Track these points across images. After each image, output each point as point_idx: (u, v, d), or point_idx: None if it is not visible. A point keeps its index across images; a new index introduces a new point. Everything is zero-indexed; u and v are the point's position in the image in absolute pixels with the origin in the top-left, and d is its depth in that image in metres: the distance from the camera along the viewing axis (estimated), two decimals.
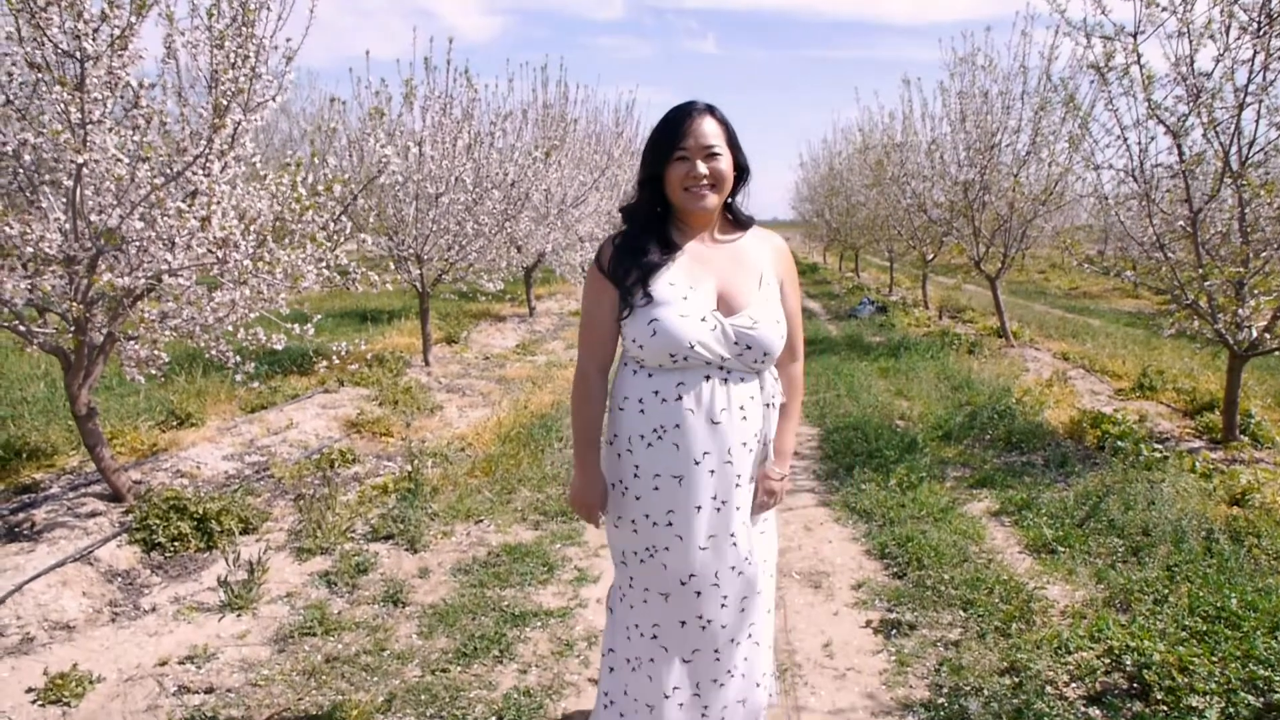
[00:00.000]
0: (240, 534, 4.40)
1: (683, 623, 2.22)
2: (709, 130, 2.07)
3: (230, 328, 4.39)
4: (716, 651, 2.24)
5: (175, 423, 6.50)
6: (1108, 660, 3.12)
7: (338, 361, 5.12)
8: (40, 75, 3.76)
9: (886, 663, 3.23)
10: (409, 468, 5.26)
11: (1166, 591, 3.58)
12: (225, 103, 3.99)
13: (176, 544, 4.18)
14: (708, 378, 2.07)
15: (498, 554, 4.19)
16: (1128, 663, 3.06)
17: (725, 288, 2.12)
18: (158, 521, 4.21)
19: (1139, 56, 5.01)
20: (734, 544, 2.17)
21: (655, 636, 2.24)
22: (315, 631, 3.40)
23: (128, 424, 6.24)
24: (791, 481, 5.45)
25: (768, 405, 2.19)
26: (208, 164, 4.08)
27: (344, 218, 5.01)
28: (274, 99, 4.39)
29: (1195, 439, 6.28)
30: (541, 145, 10.17)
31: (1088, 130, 5.93)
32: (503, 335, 11.86)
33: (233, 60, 4.10)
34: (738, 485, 2.15)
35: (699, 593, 2.18)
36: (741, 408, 2.11)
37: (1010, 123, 10.00)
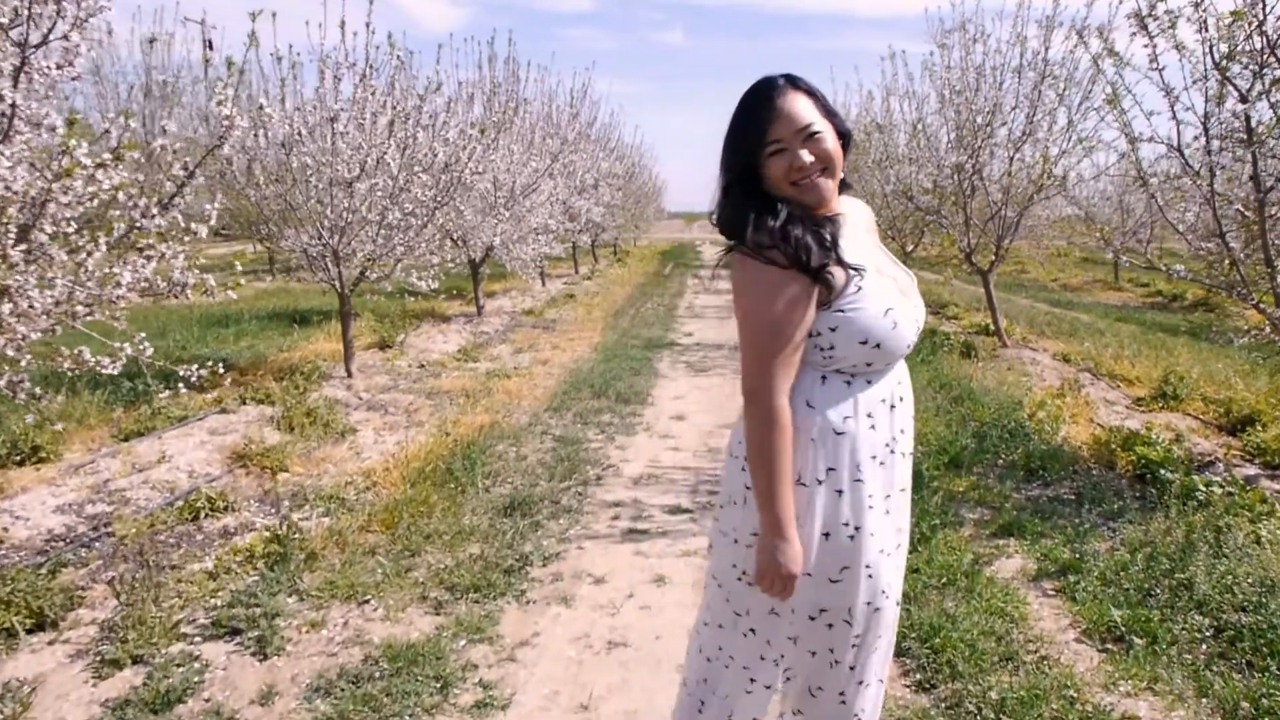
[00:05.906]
0: (27, 633, 3.23)
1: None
2: (801, 109, 1.69)
3: (13, 352, 3.21)
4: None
5: (19, 458, 5.31)
6: None
7: (194, 382, 3.95)
8: None
9: None
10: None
11: None
12: None
13: None
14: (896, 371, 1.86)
15: (376, 659, 3.05)
16: None
17: (890, 271, 1.83)
18: None
19: None
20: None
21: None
22: None
23: None
24: None
25: None
26: None
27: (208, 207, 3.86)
28: (69, 36, 3.23)
29: (1245, 463, 5.29)
30: (481, 124, 8.99)
31: (1127, 92, 4.89)
32: (445, 338, 10.65)
33: None
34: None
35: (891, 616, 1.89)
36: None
37: (1006, 100, 8.97)
